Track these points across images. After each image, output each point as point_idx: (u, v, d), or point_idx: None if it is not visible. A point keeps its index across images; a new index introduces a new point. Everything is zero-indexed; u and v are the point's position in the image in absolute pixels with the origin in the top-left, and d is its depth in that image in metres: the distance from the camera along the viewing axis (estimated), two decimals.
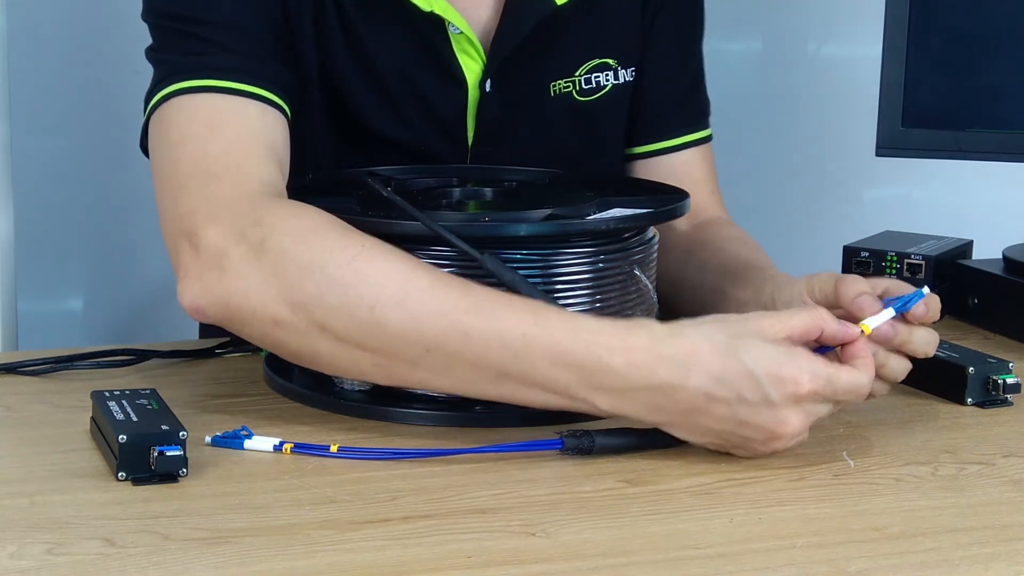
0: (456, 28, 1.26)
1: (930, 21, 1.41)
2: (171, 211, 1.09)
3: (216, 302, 1.05)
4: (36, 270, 1.98)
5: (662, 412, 1.00)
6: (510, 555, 0.85)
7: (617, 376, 0.99)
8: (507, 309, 1.01)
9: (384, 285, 1.01)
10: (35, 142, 1.98)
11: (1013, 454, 1.05)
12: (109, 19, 2.03)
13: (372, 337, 1.01)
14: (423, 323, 1.00)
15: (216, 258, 1.04)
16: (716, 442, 1.01)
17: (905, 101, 1.42)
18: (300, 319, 1.02)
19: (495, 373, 1.00)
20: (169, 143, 1.13)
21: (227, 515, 0.90)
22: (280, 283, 1.02)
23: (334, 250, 1.03)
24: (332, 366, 1.05)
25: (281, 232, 1.04)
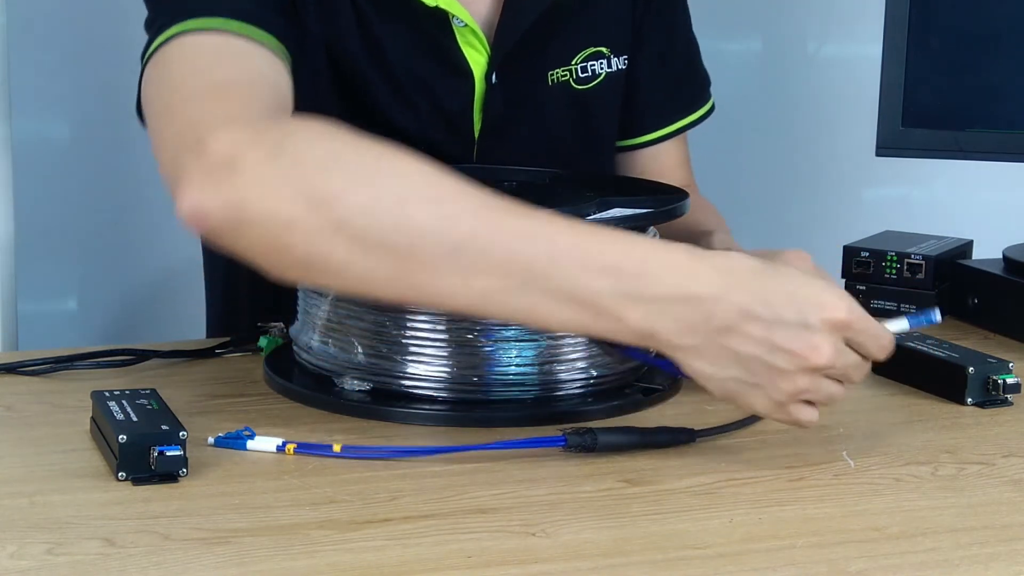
0: (461, 21, 1.26)
1: (930, 21, 1.41)
2: (169, 128, 1.03)
3: (223, 204, 0.96)
4: (36, 270, 1.98)
5: (693, 332, 0.96)
6: (510, 555, 0.85)
7: (655, 283, 0.95)
8: (540, 215, 0.96)
9: (414, 181, 0.97)
10: (35, 142, 1.98)
11: (1013, 454, 1.05)
12: (110, 18, 2.03)
13: (397, 234, 0.95)
14: (454, 220, 0.95)
15: (225, 160, 0.97)
16: (738, 376, 0.97)
17: (905, 101, 1.42)
18: (318, 217, 0.95)
19: (521, 280, 0.95)
20: (170, 74, 1.08)
21: (227, 515, 0.90)
22: (299, 179, 0.95)
23: (359, 148, 0.98)
24: (342, 274, 0.97)
25: (301, 132, 0.98)
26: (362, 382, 1.11)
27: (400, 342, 1.09)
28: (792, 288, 0.96)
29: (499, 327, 1.09)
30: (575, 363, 1.11)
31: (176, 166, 0.99)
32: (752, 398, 0.98)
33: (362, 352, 1.10)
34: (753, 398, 0.98)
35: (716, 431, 1.06)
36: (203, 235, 0.99)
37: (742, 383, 0.97)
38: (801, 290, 0.96)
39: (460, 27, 1.27)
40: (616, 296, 0.95)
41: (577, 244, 0.95)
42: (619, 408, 1.11)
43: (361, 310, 1.10)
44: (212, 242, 0.99)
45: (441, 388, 1.09)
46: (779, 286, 0.96)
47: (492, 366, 1.10)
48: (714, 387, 0.98)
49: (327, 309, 1.12)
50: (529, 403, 1.10)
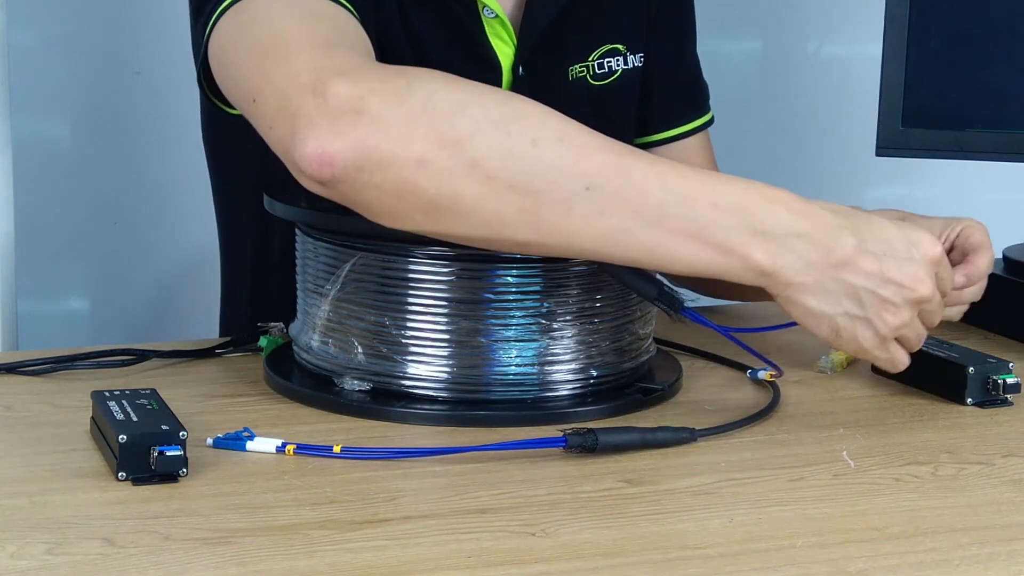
0: (491, 12, 1.27)
1: (930, 21, 1.41)
2: (281, 72, 1.01)
3: (350, 146, 0.96)
4: (36, 270, 1.99)
5: (812, 268, 1.00)
6: (510, 555, 0.85)
7: (779, 220, 1.00)
8: (662, 159, 1.00)
9: (544, 122, 0.99)
10: (35, 142, 1.98)
11: (1013, 454, 1.05)
12: (110, 19, 2.03)
13: (529, 173, 0.97)
14: (586, 158, 0.98)
15: (351, 105, 0.97)
16: (850, 309, 1.02)
17: (905, 101, 1.42)
18: (449, 156, 0.96)
19: (651, 217, 0.98)
20: (261, 21, 1.07)
21: (227, 515, 0.90)
22: (430, 120, 0.97)
23: (486, 91, 1.00)
24: (471, 214, 0.98)
25: (425, 78, 0.99)
26: (362, 382, 1.11)
27: (400, 342, 1.09)
28: (893, 227, 1.03)
29: (499, 327, 1.09)
30: (575, 363, 1.11)
31: (292, 113, 0.99)
32: (859, 332, 1.03)
33: (362, 352, 1.10)
34: (861, 332, 1.03)
35: (716, 431, 1.06)
36: (326, 181, 0.99)
37: (852, 317, 1.03)
38: (901, 229, 1.03)
39: (490, 18, 1.27)
40: (744, 233, 0.99)
41: (703, 184, 0.99)
42: (619, 408, 1.11)
43: (361, 310, 1.10)
44: (333, 192, 0.99)
45: (441, 388, 1.09)
46: (882, 225, 1.03)
47: (492, 366, 1.10)
48: (823, 325, 1.03)
49: (327, 309, 1.12)
50: (529, 403, 1.10)
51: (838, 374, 1.24)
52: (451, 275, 1.08)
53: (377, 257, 1.09)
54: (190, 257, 2.10)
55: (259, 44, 1.06)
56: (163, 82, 2.03)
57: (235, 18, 1.09)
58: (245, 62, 1.07)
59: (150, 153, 2.05)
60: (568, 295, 1.10)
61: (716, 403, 1.15)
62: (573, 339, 1.11)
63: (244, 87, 1.06)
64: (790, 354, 1.27)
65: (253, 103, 1.04)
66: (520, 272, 1.08)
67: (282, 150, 1.01)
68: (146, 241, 2.09)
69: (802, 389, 1.20)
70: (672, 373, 1.19)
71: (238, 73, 1.07)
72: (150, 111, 2.04)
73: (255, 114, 1.04)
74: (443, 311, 1.08)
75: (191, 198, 2.08)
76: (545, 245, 1.00)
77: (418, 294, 1.09)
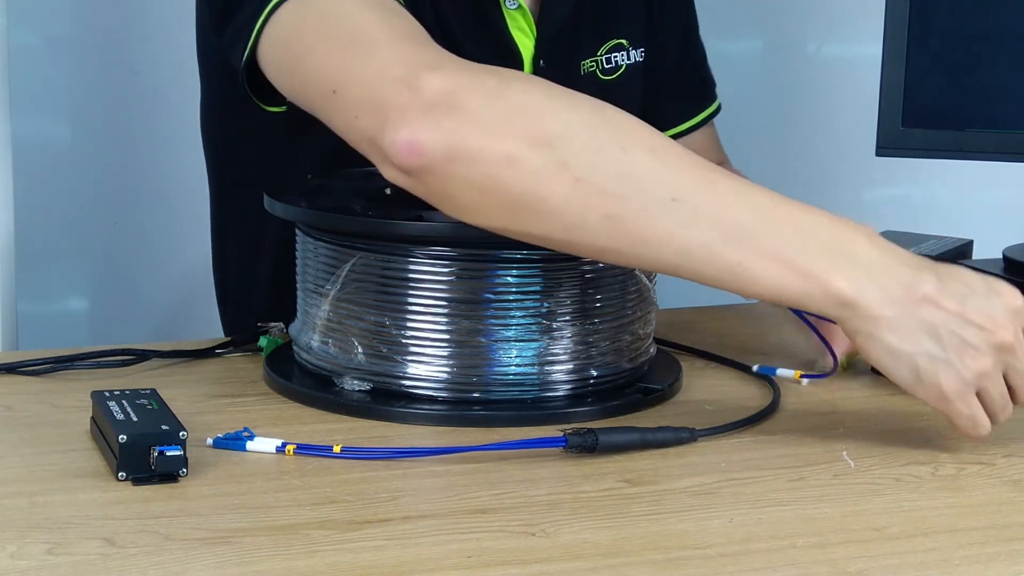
0: (514, 3, 1.27)
1: (930, 21, 1.41)
2: (369, 64, 1.02)
3: (442, 137, 0.97)
4: (36, 270, 1.98)
5: (893, 303, 0.98)
6: (510, 555, 0.85)
7: (864, 250, 0.99)
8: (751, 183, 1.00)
9: (636, 131, 0.99)
10: (35, 142, 1.98)
11: (1013, 454, 1.05)
12: (110, 19, 2.03)
13: (619, 179, 0.97)
14: (674, 169, 0.98)
15: (444, 98, 0.98)
16: (930, 350, 0.99)
17: (905, 101, 1.42)
18: (540, 155, 0.97)
19: (735, 235, 0.97)
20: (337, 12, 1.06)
21: (227, 515, 0.90)
22: (523, 118, 0.97)
23: (577, 96, 1.00)
24: (554, 216, 0.98)
25: (522, 79, 1.00)
26: (362, 382, 1.11)
27: (400, 342, 1.09)
28: (973, 273, 1.02)
29: (499, 327, 1.09)
30: (575, 363, 1.11)
31: (383, 104, 0.99)
32: (941, 375, 0.99)
33: (362, 352, 1.10)
34: (943, 375, 0.99)
35: (716, 431, 1.06)
36: (412, 170, 0.99)
37: (933, 358, 0.99)
38: (981, 276, 1.02)
39: (512, 9, 1.27)
40: (828, 259, 0.98)
41: (788, 207, 0.99)
42: (619, 408, 1.11)
43: (361, 310, 1.10)
44: (416, 182, 0.99)
45: (441, 388, 1.09)
46: (961, 270, 1.01)
47: (492, 366, 1.10)
48: (903, 365, 0.99)
49: (327, 309, 1.12)
50: (529, 403, 1.10)
51: (838, 374, 1.24)
52: (451, 275, 1.08)
53: (377, 257, 1.09)
54: (190, 257, 2.10)
55: (337, 37, 1.05)
56: (162, 82, 2.03)
57: (303, 9, 1.08)
58: (321, 52, 1.06)
59: (150, 153, 2.05)
60: (568, 295, 1.10)
61: (716, 403, 1.15)
62: (573, 339, 1.11)
63: (321, 79, 1.05)
64: (790, 354, 1.27)
65: (333, 94, 1.03)
66: (520, 272, 1.08)
67: (367, 139, 1.01)
68: (146, 241, 2.09)
69: (802, 389, 1.20)
70: (672, 373, 1.19)
71: (311, 63, 1.06)
72: (150, 111, 2.04)
73: (335, 105, 1.03)
74: (443, 311, 1.08)
75: (191, 198, 2.07)
76: (623, 254, 1.00)
77: (418, 294, 1.09)
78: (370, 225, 1.08)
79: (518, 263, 1.08)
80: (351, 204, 1.13)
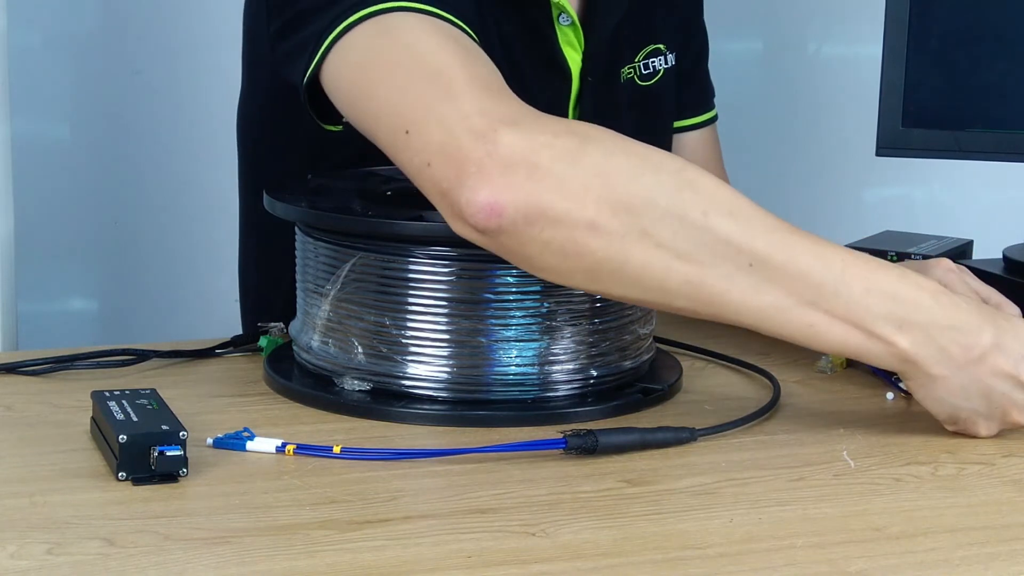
0: (567, 18, 1.26)
1: (930, 21, 1.41)
2: (447, 110, 1.00)
3: (524, 198, 0.96)
4: (36, 270, 1.99)
5: (950, 362, 1.02)
6: (510, 555, 0.85)
7: (927, 310, 1.01)
8: (819, 237, 1.02)
9: (715, 194, 1.00)
10: (35, 142, 1.98)
11: (1013, 454, 1.05)
12: (110, 19, 2.03)
13: (698, 245, 0.98)
14: (753, 234, 0.99)
15: (524, 156, 0.97)
16: (979, 408, 1.04)
17: (905, 101, 1.42)
18: (621, 222, 0.97)
19: (809, 298, 1.00)
20: (418, 48, 1.04)
21: (227, 515, 0.90)
22: (605, 184, 0.97)
23: (664, 159, 1.00)
24: (634, 280, 0.99)
25: (603, 139, 0.99)
26: (362, 382, 1.11)
27: (400, 342, 1.09)
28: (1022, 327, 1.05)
29: (499, 327, 1.09)
30: (575, 363, 1.11)
31: (460, 157, 0.98)
32: (980, 425, 1.06)
33: (362, 352, 1.10)
34: (981, 425, 1.06)
35: (716, 431, 1.06)
36: (490, 231, 0.98)
37: (977, 413, 1.05)
38: None
39: (565, 25, 1.27)
40: (892, 320, 1.01)
41: (860, 268, 1.01)
42: (619, 408, 1.11)
43: (361, 310, 1.10)
44: (491, 241, 0.99)
45: (441, 388, 1.09)
46: (1018, 323, 1.05)
47: (492, 366, 1.10)
48: (944, 411, 1.06)
49: (327, 309, 1.12)
50: (529, 403, 1.10)
51: (838, 374, 1.24)
52: (451, 275, 1.08)
53: (377, 257, 1.09)
54: (190, 256, 2.10)
55: (415, 73, 1.03)
56: (163, 81, 2.03)
57: (379, 37, 1.06)
58: (397, 89, 1.04)
59: (150, 153, 2.05)
60: (568, 295, 1.10)
61: (716, 403, 1.15)
62: (573, 339, 1.11)
63: (394, 116, 1.03)
64: (790, 354, 1.27)
65: (406, 135, 1.01)
66: (520, 272, 1.08)
67: (439, 190, 0.99)
68: (146, 241, 2.09)
69: (802, 389, 1.20)
70: (672, 373, 1.19)
71: (385, 98, 1.04)
72: (150, 111, 2.04)
73: (407, 146, 1.02)
74: (443, 311, 1.08)
75: (191, 197, 2.08)
76: (701, 313, 1.02)
77: (418, 294, 1.09)
78: (370, 225, 1.08)
79: None
80: (351, 204, 1.13)
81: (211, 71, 2.03)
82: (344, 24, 1.07)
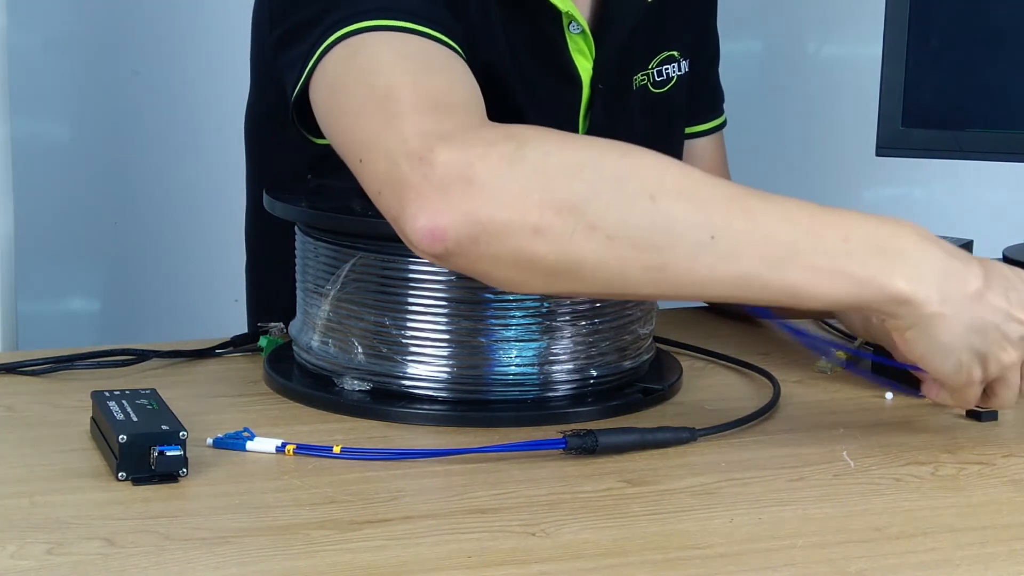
0: (577, 27, 1.26)
1: (930, 21, 1.42)
2: (389, 135, 0.99)
3: (462, 218, 0.94)
4: (36, 270, 1.99)
5: (947, 300, 0.99)
6: (510, 555, 0.85)
7: (914, 246, 0.99)
8: (780, 197, 0.99)
9: (663, 175, 0.97)
10: (35, 142, 1.98)
11: (1013, 454, 1.05)
12: (110, 19, 2.03)
13: (652, 229, 0.95)
14: (708, 208, 0.96)
15: (459, 171, 0.95)
16: (975, 344, 1.00)
17: (905, 101, 1.42)
18: (567, 222, 0.94)
19: (783, 257, 0.97)
20: (375, 71, 1.04)
21: (227, 515, 0.90)
22: (543, 186, 0.94)
23: (604, 149, 0.98)
24: (593, 276, 0.96)
25: (539, 140, 0.97)
26: (362, 382, 1.11)
27: (400, 342, 1.09)
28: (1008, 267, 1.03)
29: (499, 327, 1.09)
30: (575, 363, 1.11)
31: (400, 182, 0.97)
32: (976, 367, 1.02)
33: (362, 352, 1.10)
34: (977, 367, 1.02)
35: (716, 431, 1.06)
36: (439, 255, 0.97)
37: (974, 352, 1.01)
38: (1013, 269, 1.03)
39: (575, 33, 1.26)
40: (881, 263, 0.98)
41: (831, 218, 0.98)
42: (619, 408, 1.11)
43: (361, 310, 1.10)
44: (446, 263, 0.98)
45: (441, 388, 1.09)
46: (998, 265, 1.03)
47: (492, 366, 1.10)
48: (948, 360, 1.01)
49: (327, 309, 1.12)
50: (529, 403, 1.10)
51: (838, 374, 1.24)
52: (451, 275, 1.08)
53: (377, 257, 1.09)
54: (191, 256, 2.10)
55: (369, 97, 1.03)
56: (162, 82, 2.03)
57: (346, 61, 1.06)
58: (352, 116, 1.04)
59: (150, 153, 2.05)
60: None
61: (716, 403, 1.15)
62: (573, 339, 1.11)
63: (351, 143, 1.03)
64: (790, 354, 1.28)
65: (360, 163, 1.02)
66: None
67: (391, 218, 0.99)
68: (146, 241, 2.09)
69: (802, 389, 1.20)
70: (672, 373, 1.19)
71: (345, 125, 1.05)
72: (150, 111, 2.04)
73: (362, 173, 1.02)
74: (443, 311, 1.08)
75: (191, 197, 2.08)
76: (671, 296, 1.00)
77: (418, 294, 1.09)
78: (370, 225, 1.08)
79: None
80: (351, 204, 1.13)
81: (211, 71, 2.03)
82: (322, 47, 1.07)
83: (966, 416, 1.13)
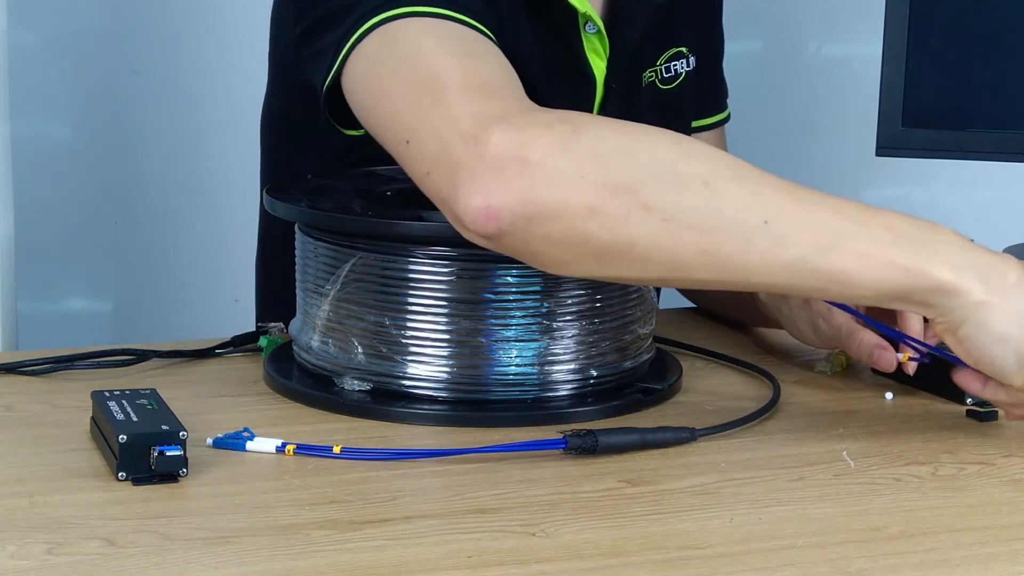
0: (593, 26, 1.26)
1: (930, 21, 1.41)
2: (439, 116, 0.99)
3: (517, 197, 0.95)
4: (36, 270, 1.99)
5: (992, 290, 0.98)
6: (510, 555, 0.85)
7: (954, 241, 1.00)
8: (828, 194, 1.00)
9: (715, 162, 0.98)
10: (35, 142, 1.98)
11: (1013, 454, 1.05)
12: (110, 19, 2.03)
13: (707, 212, 0.96)
14: (761, 194, 0.97)
15: (515, 152, 0.95)
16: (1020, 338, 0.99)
17: (905, 101, 1.42)
18: (622, 203, 0.95)
19: (831, 244, 0.97)
20: (418, 54, 1.04)
21: (227, 515, 0.90)
22: (599, 167, 0.95)
23: (657, 136, 0.99)
24: (645, 258, 0.97)
25: (594, 124, 0.98)
26: (362, 382, 1.11)
27: (400, 342, 1.09)
28: None
29: (499, 327, 1.09)
30: (575, 363, 1.11)
31: (452, 163, 0.97)
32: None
33: (362, 352, 1.10)
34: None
35: (716, 431, 1.06)
36: (491, 235, 0.97)
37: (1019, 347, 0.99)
38: None
39: (591, 33, 1.26)
40: (925, 251, 0.98)
41: (873, 211, 1.00)
42: (619, 408, 1.11)
43: (361, 310, 1.10)
44: (497, 244, 0.98)
45: (441, 388, 1.09)
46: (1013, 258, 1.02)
47: (492, 366, 1.10)
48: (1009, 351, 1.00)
49: (327, 309, 1.12)
50: (529, 403, 1.10)
51: (838, 374, 1.24)
52: (451, 275, 1.08)
53: (377, 257, 1.09)
54: (191, 256, 2.10)
55: (413, 82, 1.03)
56: (162, 82, 2.03)
57: (385, 47, 1.06)
58: (397, 99, 1.04)
59: (150, 153, 2.05)
60: (568, 295, 1.10)
61: (716, 403, 1.15)
62: (573, 339, 1.11)
63: (396, 126, 1.03)
64: (790, 354, 1.28)
65: (406, 144, 1.02)
66: (520, 272, 1.08)
67: (440, 199, 0.99)
68: (146, 241, 2.09)
69: (802, 389, 1.20)
70: (672, 373, 1.19)
71: (388, 109, 1.05)
72: (150, 111, 2.04)
73: (409, 156, 1.02)
74: (443, 311, 1.09)
75: (191, 197, 2.08)
76: (723, 282, 1.00)
77: (418, 294, 1.09)
78: (370, 225, 1.08)
79: (518, 263, 1.08)
80: (351, 204, 1.13)
81: (211, 71, 2.03)
82: (357, 33, 1.08)
83: (966, 416, 1.13)
